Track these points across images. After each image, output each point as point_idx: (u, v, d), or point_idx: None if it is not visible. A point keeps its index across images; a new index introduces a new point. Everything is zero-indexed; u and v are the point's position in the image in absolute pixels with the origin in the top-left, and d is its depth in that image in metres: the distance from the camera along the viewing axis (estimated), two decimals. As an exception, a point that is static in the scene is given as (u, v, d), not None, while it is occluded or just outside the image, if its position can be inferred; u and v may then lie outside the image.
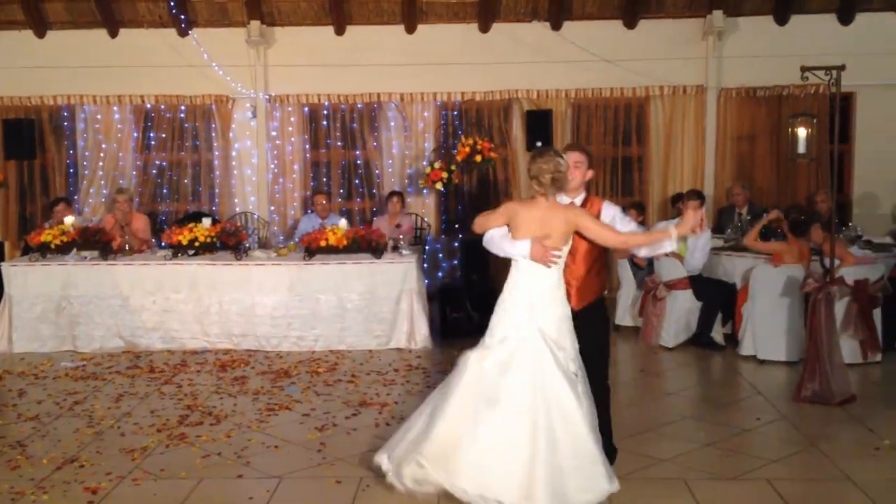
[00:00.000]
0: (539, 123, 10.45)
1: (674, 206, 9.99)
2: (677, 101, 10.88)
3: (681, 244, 8.49)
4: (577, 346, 4.69)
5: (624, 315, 9.01)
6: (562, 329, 4.66)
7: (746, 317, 7.82)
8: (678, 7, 10.72)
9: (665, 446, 5.63)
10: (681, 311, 8.23)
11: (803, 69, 6.58)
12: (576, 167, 4.86)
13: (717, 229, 9.77)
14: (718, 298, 8.25)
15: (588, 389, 4.62)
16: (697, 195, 8.75)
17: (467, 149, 9.10)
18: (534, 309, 4.65)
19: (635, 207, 9.52)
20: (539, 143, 10.37)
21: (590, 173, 4.97)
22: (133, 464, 5.42)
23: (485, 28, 10.86)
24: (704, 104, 10.85)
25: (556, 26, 10.78)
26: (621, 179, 11.09)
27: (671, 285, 8.26)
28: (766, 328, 7.63)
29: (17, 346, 8.42)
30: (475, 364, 4.67)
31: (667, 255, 8.35)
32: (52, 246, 8.61)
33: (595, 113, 10.96)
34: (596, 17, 10.80)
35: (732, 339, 8.18)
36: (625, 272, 9.01)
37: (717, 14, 10.49)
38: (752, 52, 10.70)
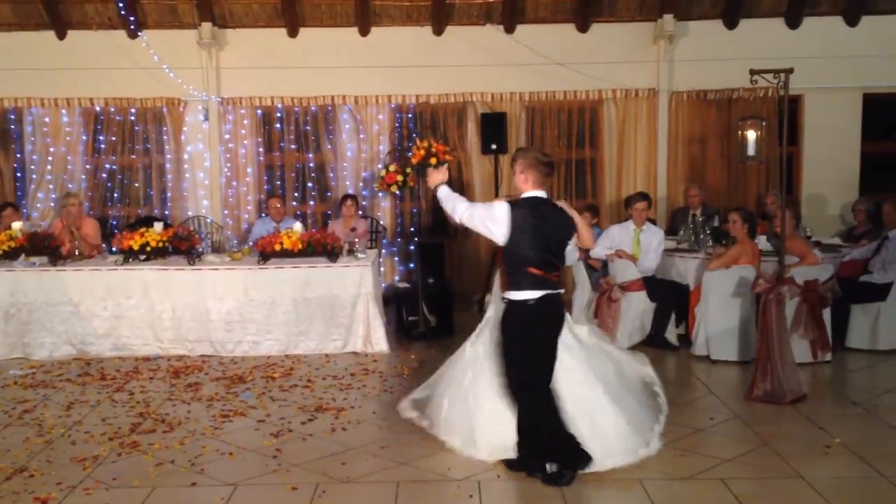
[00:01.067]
0: (493, 126, 10.47)
1: (626, 209, 10.08)
2: (629, 104, 10.98)
3: (634, 246, 8.59)
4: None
5: (579, 317, 9.00)
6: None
7: (699, 317, 7.92)
8: (630, 10, 10.83)
9: (621, 447, 5.66)
10: (635, 312, 8.30)
11: (752, 72, 6.67)
12: None
13: (671, 231, 9.89)
14: (672, 299, 8.35)
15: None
16: (643, 197, 8.89)
17: (422, 151, 9.07)
18: None
19: (589, 210, 9.57)
20: (494, 146, 10.42)
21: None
22: (84, 473, 5.32)
23: (438, 31, 10.86)
24: (656, 107, 10.96)
25: (510, 29, 10.81)
26: (575, 182, 11.17)
27: (625, 287, 8.33)
28: (719, 328, 7.74)
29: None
30: None
31: (620, 256, 8.48)
32: (0, 252, 8.42)
33: (549, 116, 11.02)
34: (549, 21, 10.85)
35: (686, 340, 8.29)
36: (579, 274, 9.06)
37: (668, 18, 10.61)
38: (703, 55, 10.84)
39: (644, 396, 5.63)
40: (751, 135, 7.57)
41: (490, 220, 5.03)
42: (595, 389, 5.22)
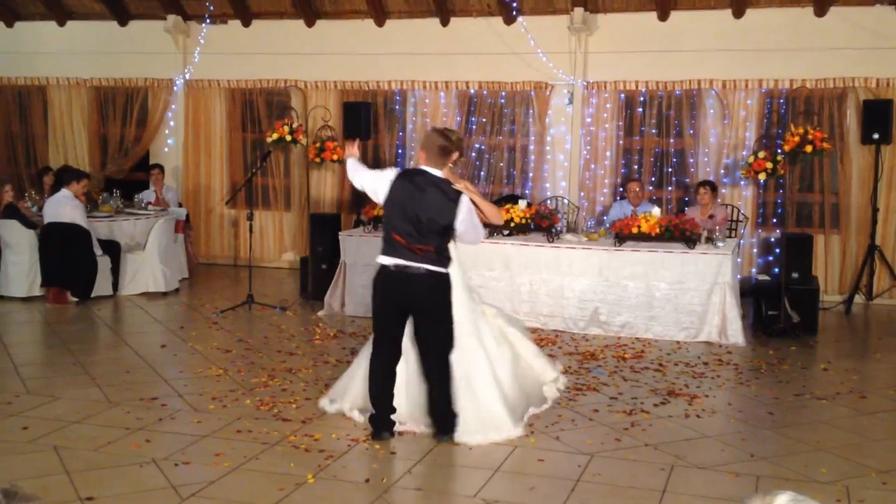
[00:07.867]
0: (877, 114, 9.61)
1: None
2: None
3: None
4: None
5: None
6: None
7: None
8: None
9: None
10: None
11: None
12: None
13: None
14: None
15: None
16: None
17: (797, 138, 8.59)
18: None
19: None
20: (876, 136, 9.59)
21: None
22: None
23: (820, 12, 10.15)
24: None
25: (905, 9, 9.86)
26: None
27: None
28: None
29: (348, 309, 9.19)
30: None
31: None
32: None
33: (946, 104, 9.90)
34: (954, -2, 9.74)
35: None
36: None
37: None
38: None
39: (530, 388, 6.09)
40: None
41: (377, 182, 5.49)
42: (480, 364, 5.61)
